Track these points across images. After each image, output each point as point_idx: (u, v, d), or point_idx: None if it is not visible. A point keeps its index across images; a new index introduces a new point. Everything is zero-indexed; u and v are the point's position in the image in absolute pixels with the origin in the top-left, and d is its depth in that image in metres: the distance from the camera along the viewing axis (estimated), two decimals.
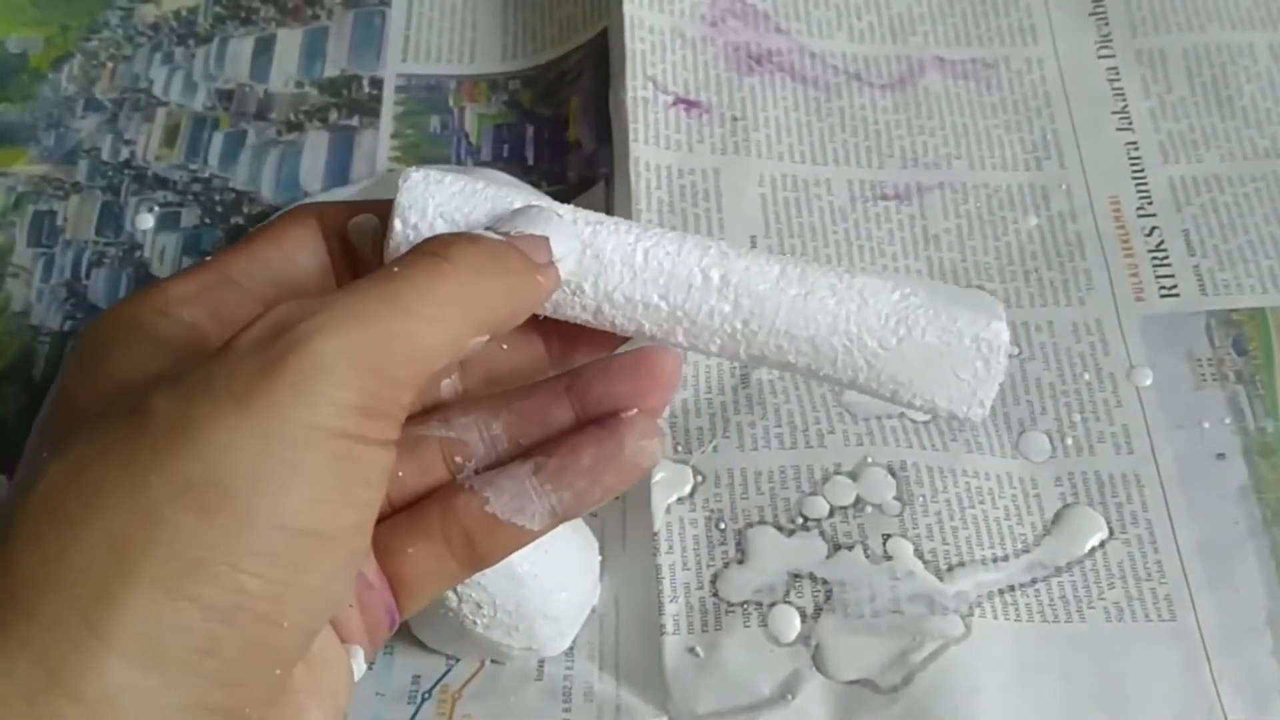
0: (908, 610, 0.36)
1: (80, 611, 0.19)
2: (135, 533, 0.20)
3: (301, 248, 0.27)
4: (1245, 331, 0.41)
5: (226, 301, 0.25)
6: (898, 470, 0.38)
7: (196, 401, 0.20)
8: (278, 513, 0.20)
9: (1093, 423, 0.40)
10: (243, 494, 0.20)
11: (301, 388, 0.20)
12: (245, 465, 0.20)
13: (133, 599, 0.19)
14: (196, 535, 0.20)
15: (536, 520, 0.27)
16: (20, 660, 0.19)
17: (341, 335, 0.21)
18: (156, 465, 0.20)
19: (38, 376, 0.42)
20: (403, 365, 0.22)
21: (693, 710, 0.35)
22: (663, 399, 0.28)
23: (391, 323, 0.22)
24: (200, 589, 0.20)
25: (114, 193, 0.47)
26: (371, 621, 0.26)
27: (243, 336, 0.21)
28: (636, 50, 0.46)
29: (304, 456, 0.20)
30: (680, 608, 0.36)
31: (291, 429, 0.20)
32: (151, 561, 0.19)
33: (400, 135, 0.48)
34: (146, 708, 0.19)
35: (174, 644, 0.20)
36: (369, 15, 0.51)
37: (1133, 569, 0.37)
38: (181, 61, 0.50)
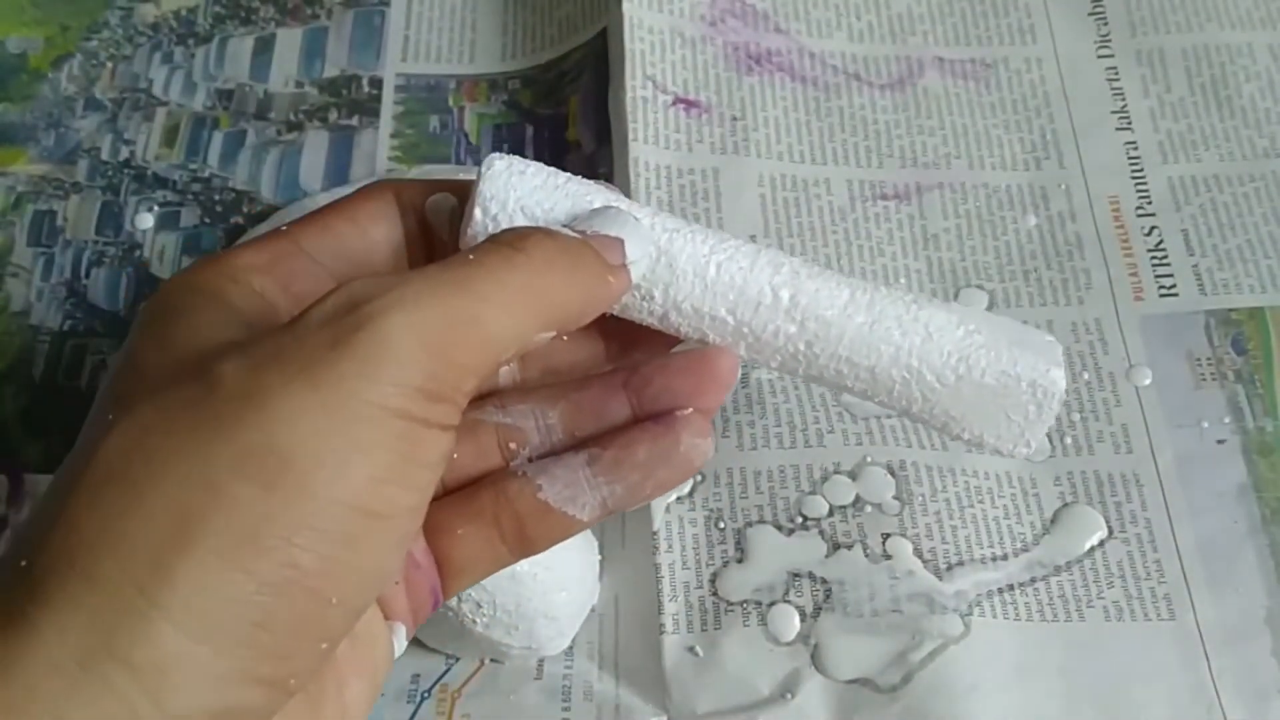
0: (907, 609, 0.36)
1: (136, 578, 0.19)
2: (195, 501, 0.20)
3: (376, 223, 0.26)
4: (1244, 331, 0.41)
5: (297, 272, 0.25)
6: (897, 470, 0.38)
7: (264, 371, 0.20)
8: (336, 488, 0.20)
9: (1092, 422, 0.40)
10: (303, 466, 0.20)
11: (368, 364, 0.20)
12: (307, 438, 0.20)
13: (189, 568, 0.19)
14: (255, 506, 0.20)
15: (587, 511, 0.27)
16: (75, 622, 0.19)
17: (411, 315, 0.21)
18: (220, 432, 0.20)
19: (38, 376, 0.42)
20: (469, 352, 0.22)
21: (692, 709, 0.35)
22: (719, 398, 0.28)
23: (462, 308, 0.22)
24: (255, 562, 0.20)
25: (114, 192, 0.47)
26: (416, 600, 0.26)
27: (314, 310, 0.21)
28: (636, 50, 0.46)
29: (366, 434, 0.20)
30: (680, 607, 0.36)
31: (355, 405, 0.20)
32: (209, 532, 0.19)
33: (400, 135, 0.48)
34: (195, 676, 0.19)
35: (226, 615, 0.20)
36: (369, 15, 0.51)
37: (1132, 568, 0.37)
38: (181, 61, 0.50)
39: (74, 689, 0.19)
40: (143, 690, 0.19)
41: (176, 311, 0.24)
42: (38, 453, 0.41)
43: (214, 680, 0.20)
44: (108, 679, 0.19)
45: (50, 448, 0.41)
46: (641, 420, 0.27)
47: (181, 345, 0.22)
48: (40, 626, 0.19)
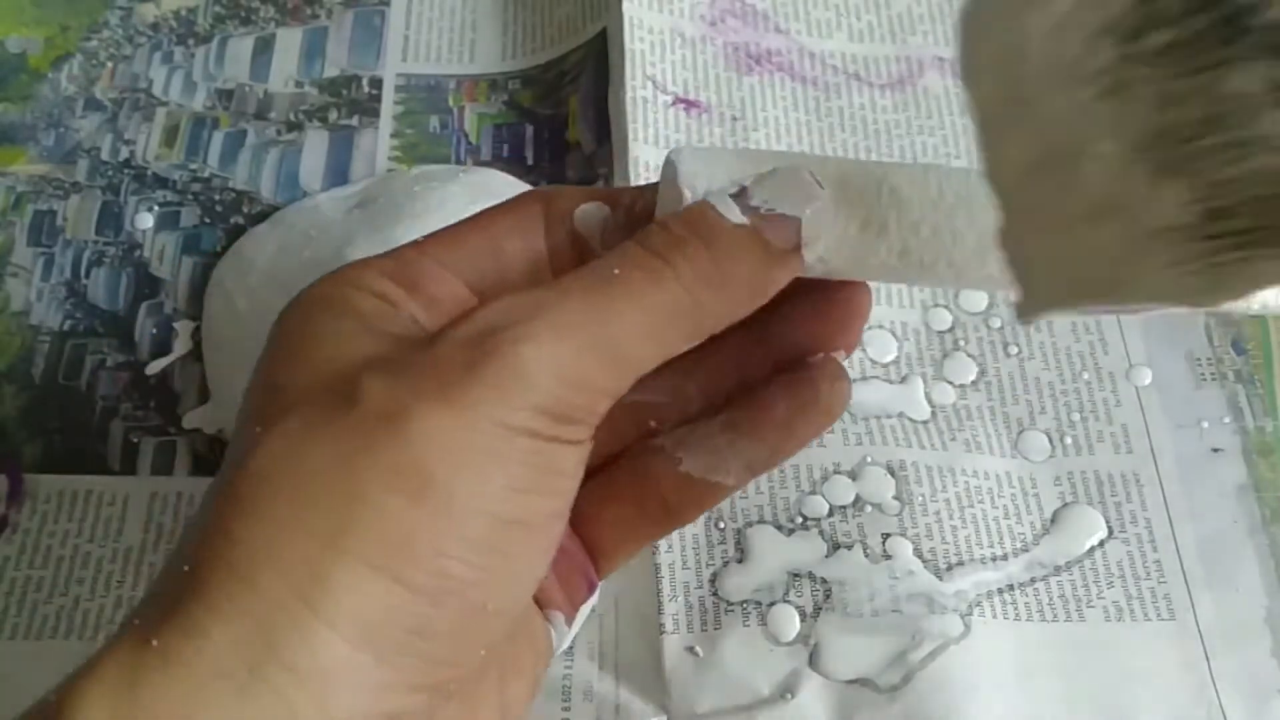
0: (907, 609, 0.36)
1: (297, 588, 0.20)
2: (346, 514, 0.20)
3: (512, 236, 0.26)
4: (1244, 331, 0.41)
5: (424, 278, 0.25)
6: (897, 470, 0.38)
7: (402, 390, 0.21)
8: (479, 500, 0.21)
9: (1092, 422, 0.40)
10: (445, 481, 0.21)
11: (500, 390, 0.21)
12: (447, 455, 0.21)
13: (346, 579, 0.20)
14: (403, 520, 0.20)
15: (732, 476, 0.26)
16: (241, 628, 0.20)
17: (547, 346, 0.21)
18: (365, 449, 0.21)
19: (38, 376, 0.42)
20: (606, 377, 0.22)
21: (692, 709, 0.35)
22: (856, 336, 0.27)
23: (602, 337, 0.22)
24: (409, 572, 0.20)
25: (114, 192, 0.47)
26: (570, 588, 0.26)
27: (453, 330, 0.22)
28: (636, 50, 0.46)
29: (500, 449, 0.21)
30: (679, 607, 0.36)
31: (489, 427, 0.21)
32: (362, 543, 0.20)
33: (400, 135, 0.48)
34: (357, 684, 0.20)
35: (385, 624, 0.20)
36: (369, 15, 0.51)
37: (1132, 568, 0.37)
38: (181, 61, 0.50)
39: (243, 693, 0.19)
40: (308, 695, 0.20)
41: (307, 325, 0.24)
42: (38, 453, 0.41)
43: (376, 687, 0.20)
44: (274, 684, 0.20)
45: (50, 447, 0.41)
46: (776, 372, 0.26)
47: (317, 358, 0.23)
48: (208, 630, 0.20)
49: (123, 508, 0.39)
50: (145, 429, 0.41)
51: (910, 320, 0.42)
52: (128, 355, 0.43)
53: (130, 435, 0.41)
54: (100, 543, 0.39)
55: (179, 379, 0.42)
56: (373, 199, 0.43)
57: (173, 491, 0.40)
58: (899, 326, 0.42)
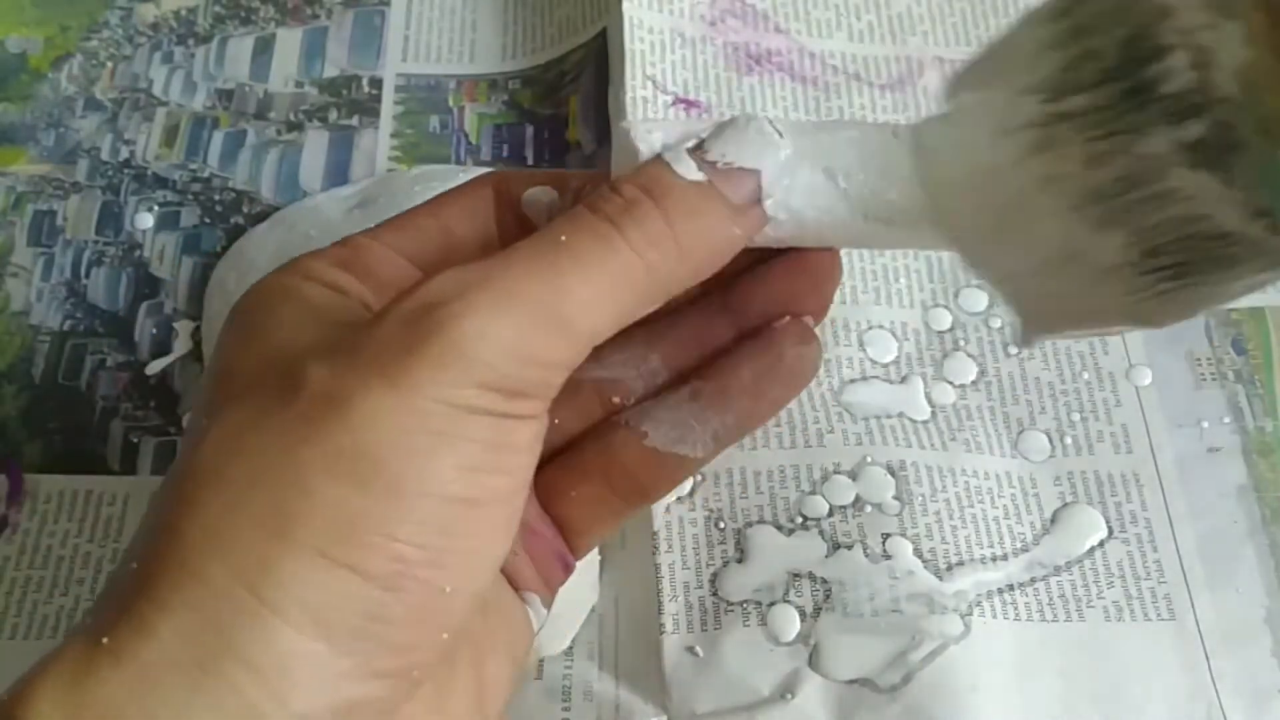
0: (907, 609, 0.36)
1: (245, 579, 0.19)
2: (291, 503, 0.20)
3: (463, 219, 0.26)
4: (1244, 331, 0.41)
5: (374, 265, 0.25)
6: (897, 470, 0.38)
7: (345, 374, 0.21)
8: (428, 482, 0.20)
9: (1092, 422, 0.40)
10: (392, 464, 0.20)
11: (443, 368, 0.20)
12: (392, 437, 0.20)
13: (295, 568, 0.20)
14: (350, 505, 0.20)
15: (700, 448, 0.26)
16: (191, 623, 0.19)
17: (490, 318, 0.20)
18: (308, 436, 0.20)
19: (37, 376, 0.42)
20: (556, 350, 0.21)
21: (692, 709, 0.35)
22: (825, 301, 0.26)
23: (549, 307, 0.21)
24: (359, 557, 0.20)
25: (114, 192, 0.47)
26: (544, 568, 0.26)
27: (394, 307, 0.21)
28: (636, 50, 0.46)
29: (448, 429, 0.21)
30: (680, 607, 0.36)
31: (434, 406, 0.20)
32: (310, 531, 0.20)
33: (400, 135, 0.48)
34: (316, 673, 0.20)
35: (339, 611, 0.20)
36: (369, 15, 0.51)
37: (1132, 568, 0.37)
38: (181, 61, 0.50)
39: (197, 689, 0.19)
40: (265, 689, 0.19)
41: (256, 314, 0.24)
42: (37, 453, 0.41)
43: (335, 676, 0.20)
44: (230, 679, 0.19)
45: (50, 447, 0.41)
46: (741, 341, 0.26)
47: (265, 347, 0.22)
48: (157, 626, 0.19)
49: (123, 508, 0.39)
50: (145, 429, 0.41)
51: (910, 320, 0.42)
52: (128, 355, 0.43)
53: (130, 435, 0.41)
54: (100, 543, 0.39)
55: (179, 379, 0.42)
56: (373, 199, 0.43)
57: None
58: (899, 326, 0.42)
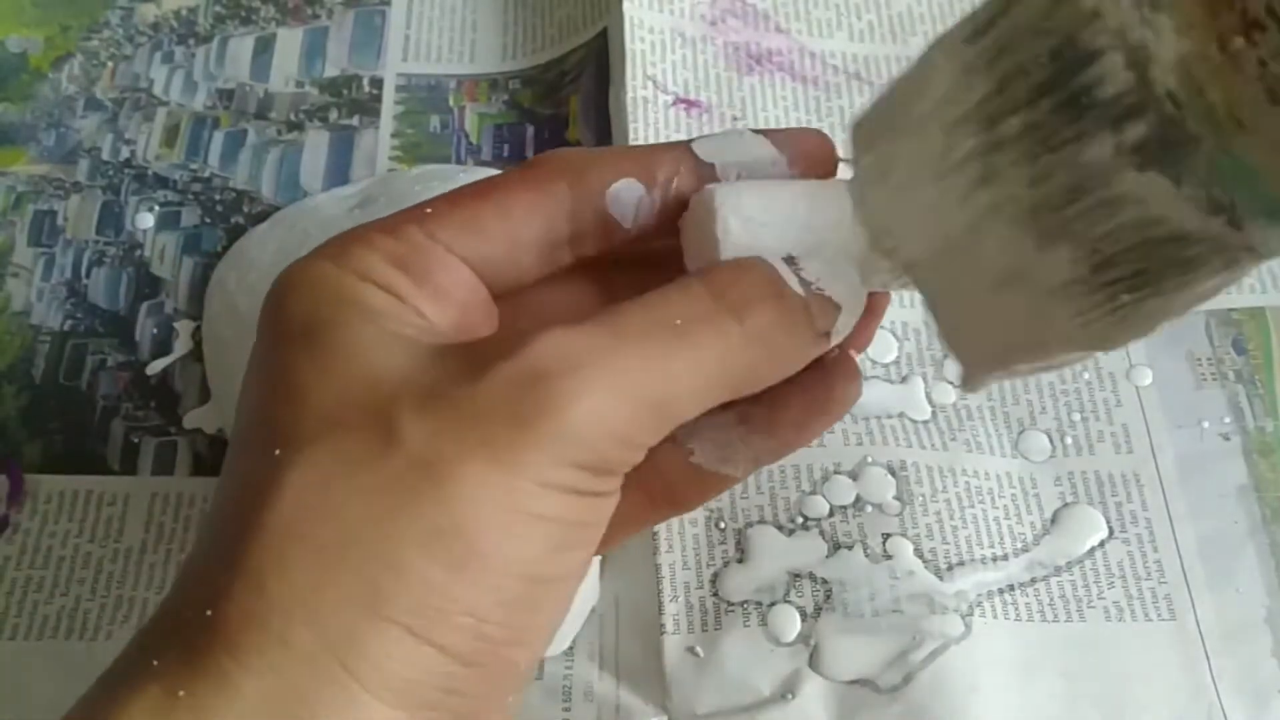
0: (907, 609, 0.36)
1: (333, 649, 0.20)
2: (384, 577, 0.20)
3: (532, 219, 0.24)
4: (1244, 331, 0.41)
5: (433, 268, 0.23)
6: (897, 470, 0.38)
7: (445, 440, 0.20)
8: (518, 564, 0.21)
9: (1092, 422, 0.40)
10: (486, 548, 0.20)
11: (551, 452, 0.20)
12: (490, 519, 0.20)
13: (383, 642, 0.20)
14: (441, 585, 0.20)
15: (740, 469, 0.26)
16: (277, 688, 0.19)
17: (600, 402, 0.20)
18: (404, 506, 0.20)
19: (38, 376, 0.42)
20: (652, 434, 0.22)
21: (692, 710, 0.35)
22: (870, 335, 0.27)
23: (659, 395, 0.21)
24: (447, 637, 0.20)
25: (114, 192, 0.47)
26: None
27: (498, 369, 0.21)
28: (636, 50, 0.46)
29: (543, 509, 0.21)
30: (680, 607, 0.36)
31: (533, 488, 0.20)
32: (400, 609, 0.20)
33: (400, 135, 0.48)
34: None
35: (421, 685, 0.20)
36: (369, 15, 0.51)
37: (1132, 568, 0.37)
38: (181, 61, 0.50)
39: None
40: None
41: (320, 321, 0.22)
42: (38, 453, 0.41)
43: None
44: None
45: (50, 447, 0.41)
46: None
47: (344, 375, 0.22)
48: (240, 686, 0.19)
49: (123, 508, 0.39)
50: (146, 429, 0.41)
51: (911, 320, 0.42)
52: (128, 355, 0.43)
53: (131, 435, 0.41)
54: (100, 543, 0.39)
55: (179, 379, 0.42)
56: (373, 199, 0.43)
57: (173, 492, 0.40)
58: (899, 326, 0.42)
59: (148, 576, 0.38)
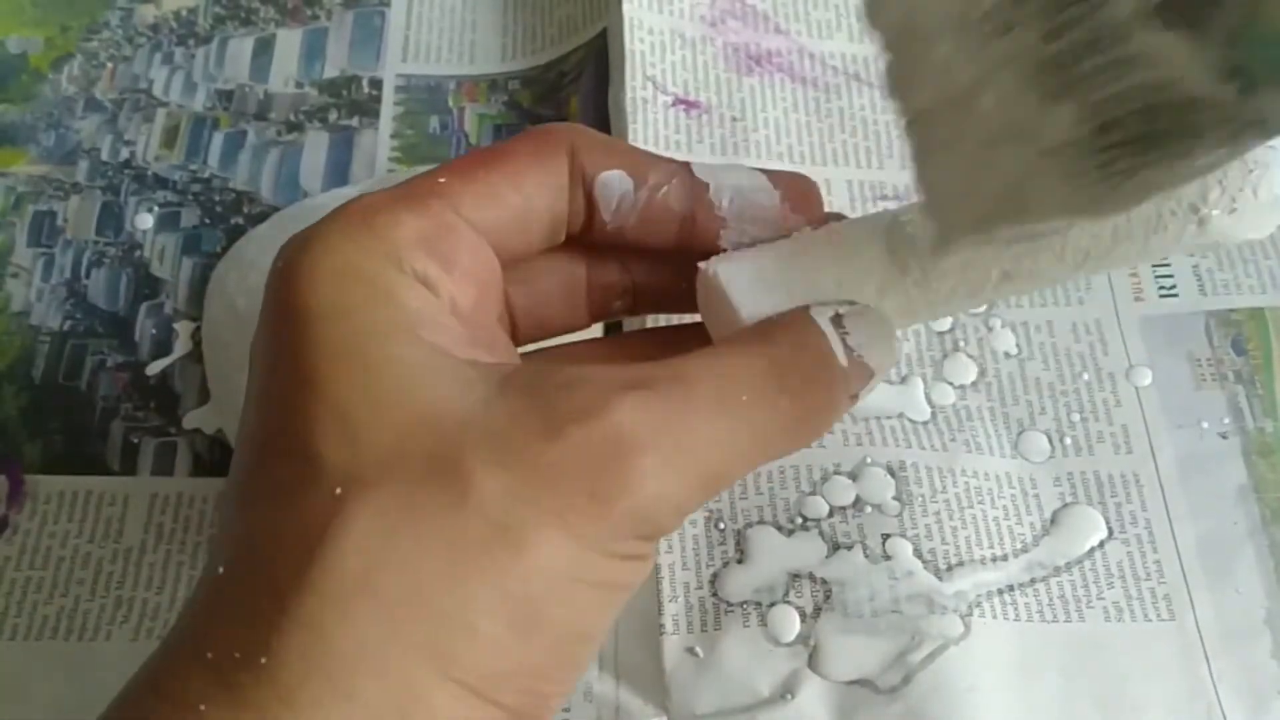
0: (907, 610, 0.36)
1: (398, 705, 0.19)
2: (453, 637, 0.20)
3: (541, 191, 0.24)
4: (1244, 331, 0.41)
5: (460, 250, 0.23)
6: (897, 470, 0.38)
7: (523, 503, 0.20)
8: (575, 626, 0.21)
9: (1092, 422, 0.40)
10: (556, 617, 0.21)
11: (623, 528, 0.21)
12: (558, 588, 0.20)
13: (447, 701, 0.20)
14: (510, 653, 0.20)
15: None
16: None
17: (670, 481, 0.21)
18: (478, 568, 0.20)
19: (38, 377, 0.42)
20: (703, 503, 0.23)
21: (692, 710, 0.35)
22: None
23: (718, 469, 0.22)
24: (508, 697, 0.21)
25: (114, 193, 0.47)
26: None
27: (576, 434, 0.20)
28: (636, 50, 0.46)
29: (602, 578, 0.21)
30: (680, 607, 0.36)
31: (598, 558, 0.21)
32: (466, 670, 0.20)
33: (400, 135, 0.48)
34: None
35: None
36: (369, 15, 0.51)
37: (1132, 569, 0.37)
38: (181, 62, 0.50)
39: None
40: None
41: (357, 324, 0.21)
42: (38, 453, 0.41)
43: None
44: None
45: (50, 447, 0.41)
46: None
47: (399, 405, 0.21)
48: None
49: (123, 508, 0.39)
50: (145, 429, 0.41)
51: None
52: (128, 355, 0.43)
53: (130, 436, 0.41)
54: (100, 543, 0.39)
55: (179, 379, 0.42)
56: None
57: (173, 492, 0.40)
58: None
59: (147, 577, 0.38)
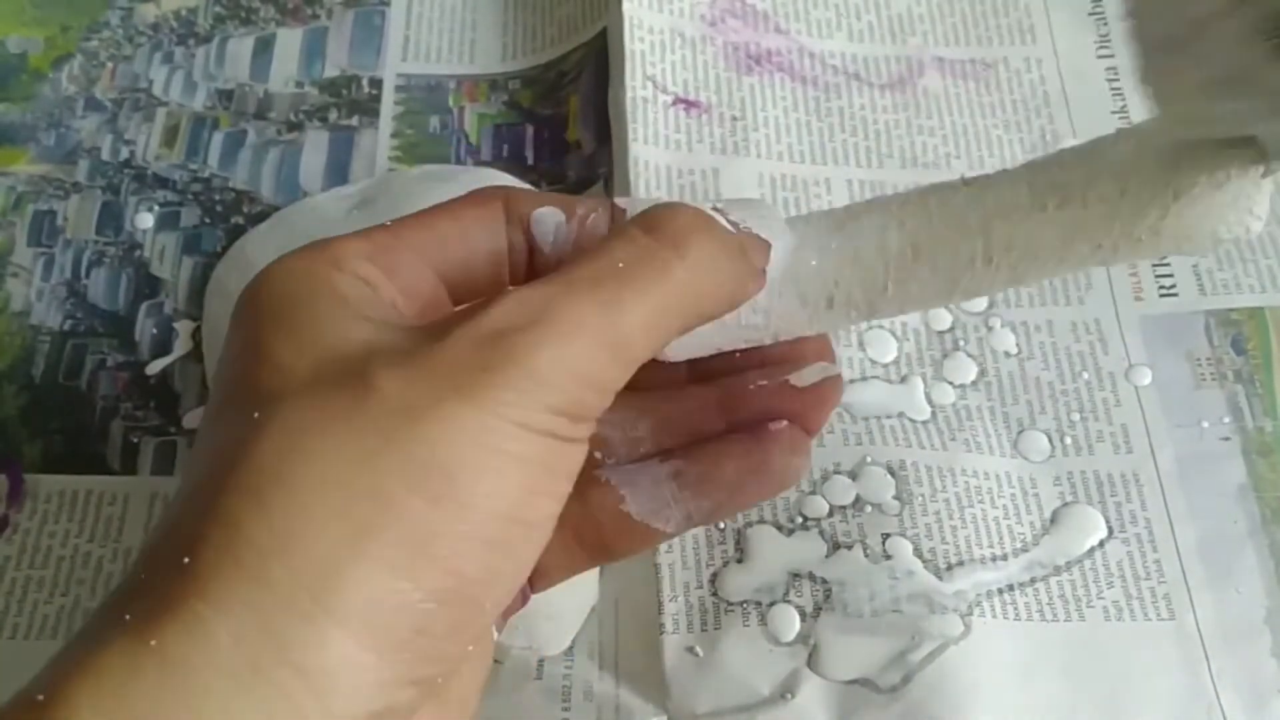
0: (907, 609, 0.36)
1: (309, 586, 0.19)
2: (366, 512, 0.20)
3: (480, 228, 0.26)
4: (1244, 331, 0.41)
5: (400, 264, 0.25)
6: (897, 470, 0.38)
7: (420, 386, 0.21)
8: (496, 500, 0.21)
9: (1092, 422, 0.40)
10: (464, 480, 0.20)
11: (519, 393, 0.21)
12: (467, 453, 0.21)
13: (360, 578, 0.20)
14: (423, 519, 0.20)
15: (672, 524, 0.26)
16: (248, 626, 0.19)
17: (563, 349, 0.21)
18: (384, 446, 0.20)
19: (38, 376, 0.42)
20: (614, 374, 0.22)
21: (692, 709, 0.35)
22: (821, 419, 0.27)
23: (614, 335, 0.22)
24: (424, 572, 0.20)
25: (114, 192, 0.47)
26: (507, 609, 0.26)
27: (462, 329, 0.22)
28: (636, 50, 0.46)
29: (518, 449, 0.21)
30: (680, 607, 0.36)
31: (507, 426, 0.21)
32: (382, 543, 0.20)
33: (400, 135, 0.48)
34: (360, 681, 0.20)
35: (393, 623, 0.20)
36: (369, 15, 0.51)
37: (1132, 568, 0.37)
38: (181, 61, 0.50)
39: (246, 691, 0.19)
40: (312, 694, 0.19)
41: (296, 302, 0.23)
42: (38, 453, 0.41)
43: (376, 684, 0.20)
44: (279, 683, 0.19)
45: (50, 447, 0.41)
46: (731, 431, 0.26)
47: (315, 342, 0.22)
48: (213, 628, 0.19)
49: (123, 508, 0.39)
50: (145, 429, 0.41)
51: (910, 320, 0.42)
52: (128, 355, 0.43)
53: (130, 435, 0.41)
54: (100, 543, 0.39)
55: (179, 379, 0.42)
56: (373, 199, 0.43)
57: (173, 491, 0.40)
58: (899, 326, 0.42)
59: None
